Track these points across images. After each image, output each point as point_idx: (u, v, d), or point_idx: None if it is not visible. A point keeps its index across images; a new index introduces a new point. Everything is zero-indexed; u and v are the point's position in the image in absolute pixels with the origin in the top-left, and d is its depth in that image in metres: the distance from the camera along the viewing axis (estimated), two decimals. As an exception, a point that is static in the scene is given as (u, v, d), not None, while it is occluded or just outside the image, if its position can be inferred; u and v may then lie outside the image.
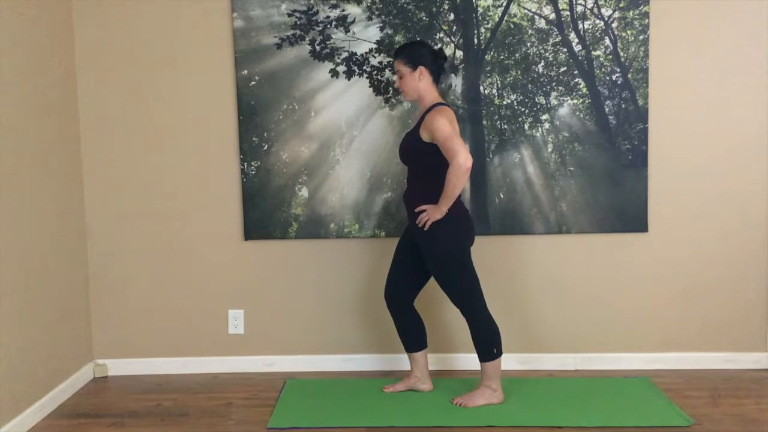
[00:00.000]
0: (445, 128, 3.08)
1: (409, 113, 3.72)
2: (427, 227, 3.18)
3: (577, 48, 3.70)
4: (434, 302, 3.72)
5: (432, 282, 3.41)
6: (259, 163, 3.79)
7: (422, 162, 3.24)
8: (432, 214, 3.16)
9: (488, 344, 3.29)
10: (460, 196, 3.20)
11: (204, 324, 3.90)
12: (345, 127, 3.77)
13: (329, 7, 3.71)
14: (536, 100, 3.73)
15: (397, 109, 3.74)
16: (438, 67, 3.28)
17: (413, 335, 3.48)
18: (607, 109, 3.72)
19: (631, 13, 3.67)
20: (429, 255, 3.26)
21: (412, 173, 3.34)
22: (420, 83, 3.24)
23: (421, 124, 3.20)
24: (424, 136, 3.18)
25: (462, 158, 3.02)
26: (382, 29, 3.72)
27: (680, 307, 3.81)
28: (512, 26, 3.70)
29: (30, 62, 3.33)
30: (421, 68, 3.23)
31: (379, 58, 3.71)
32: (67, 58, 3.70)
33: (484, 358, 3.31)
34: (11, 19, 3.17)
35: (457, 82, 3.73)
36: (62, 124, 3.64)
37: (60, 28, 3.63)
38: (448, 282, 3.29)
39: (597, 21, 3.68)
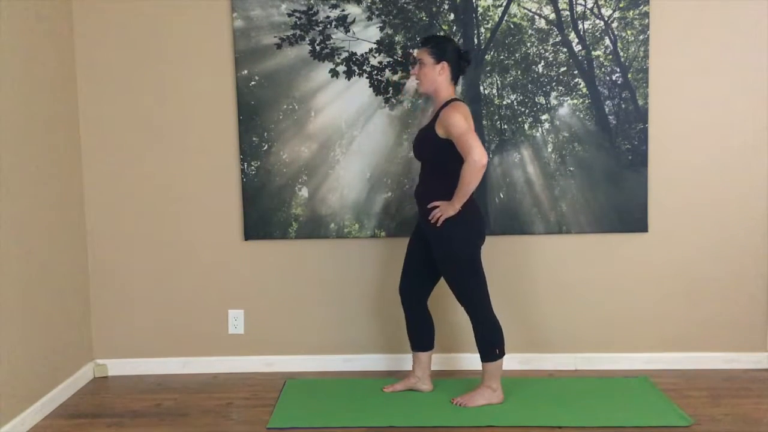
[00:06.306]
0: (461, 124, 3.08)
1: (409, 113, 3.72)
2: (439, 224, 3.18)
3: (577, 48, 3.70)
4: (436, 302, 3.70)
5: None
6: (259, 163, 3.79)
7: (437, 158, 3.22)
8: (445, 210, 3.14)
9: (491, 345, 3.29)
10: (473, 194, 3.18)
11: (204, 324, 3.90)
12: (345, 127, 3.77)
13: (329, 7, 3.71)
14: (536, 100, 3.73)
15: (397, 109, 3.74)
16: (460, 67, 3.27)
17: (422, 334, 3.47)
18: (607, 109, 3.72)
19: (631, 13, 3.67)
20: (439, 252, 3.25)
21: (425, 169, 3.32)
22: (439, 77, 3.22)
23: (437, 119, 3.19)
24: (440, 131, 3.16)
25: (477, 154, 3.01)
26: (382, 29, 3.72)
27: (680, 307, 3.81)
28: (512, 26, 3.70)
29: (30, 63, 3.33)
30: (444, 63, 3.21)
31: (379, 58, 3.71)
32: (67, 58, 3.70)
33: (486, 358, 3.31)
34: (11, 19, 3.17)
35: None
36: (62, 124, 3.63)
37: (60, 28, 3.63)
38: (455, 279, 3.28)
39: (597, 21, 3.68)
